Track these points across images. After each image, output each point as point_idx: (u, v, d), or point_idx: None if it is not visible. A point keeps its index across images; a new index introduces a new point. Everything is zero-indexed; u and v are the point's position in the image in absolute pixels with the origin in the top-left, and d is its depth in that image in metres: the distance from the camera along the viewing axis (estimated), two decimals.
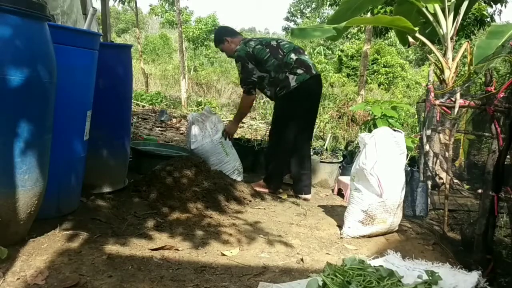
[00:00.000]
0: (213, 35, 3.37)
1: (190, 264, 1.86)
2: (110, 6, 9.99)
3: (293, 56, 3.08)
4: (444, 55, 3.67)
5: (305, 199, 3.24)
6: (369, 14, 7.73)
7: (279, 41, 3.22)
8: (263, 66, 3.09)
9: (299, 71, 3.05)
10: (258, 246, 2.19)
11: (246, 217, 2.62)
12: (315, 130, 4.44)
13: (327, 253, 2.19)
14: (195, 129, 3.50)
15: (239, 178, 3.38)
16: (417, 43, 4.00)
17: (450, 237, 2.58)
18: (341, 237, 2.44)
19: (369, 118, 5.08)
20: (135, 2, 12.50)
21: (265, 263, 1.97)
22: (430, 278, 1.67)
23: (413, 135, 4.43)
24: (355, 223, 2.42)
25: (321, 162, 3.83)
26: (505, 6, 6.65)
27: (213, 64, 17.25)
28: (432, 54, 3.82)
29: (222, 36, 3.27)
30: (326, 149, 4.39)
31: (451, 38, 3.67)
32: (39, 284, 1.54)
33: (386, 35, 8.62)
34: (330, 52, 18.06)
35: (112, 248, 1.92)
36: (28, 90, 1.69)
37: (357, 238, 2.42)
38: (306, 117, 3.24)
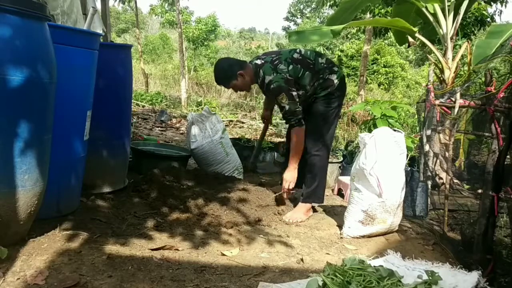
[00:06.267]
0: (216, 73, 2.79)
1: (190, 264, 1.86)
2: (110, 6, 9.99)
3: (320, 60, 2.78)
4: (444, 55, 3.67)
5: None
6: (368, 15, 7.74)
7: (297, 50, 2.77)
8: (299, 84, 2.71)
9: (335, 68, 2.81)
10: (258, 246, 2.19)
11: (246, 216, 2.61)
12: None
13: (327, 253, 2.19)
14: (195, 129, 3.51)
15: (239, 178, 3.38)
16: (417, 43, 4.00)
17: (450, 237, 2.58)
18: (341, 237, 2.44)
19: (369, 118, 5.08)
20: (135, 2, 12.52)
21: (265, 263, 1.97)
22: (430, 278, 1.67)
23: (413, 135, 4.43)
24: (355, 223, 2.42)
25: None
26: (505, 6, 6.67)
27: (213, 64, 17.23)
28: (432, 54, 3.82)
29: (234, 71, 2.71)
30: None
31: (451, 38, 3.66)
32: (39, 284, 1.54)
33: (386, 35, 8.62)
34: (330, 52, 18.06)
35: (112, 248, 1.91)
36: (28, 90, 1.69)
37: (357, 238, 2.42)
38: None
